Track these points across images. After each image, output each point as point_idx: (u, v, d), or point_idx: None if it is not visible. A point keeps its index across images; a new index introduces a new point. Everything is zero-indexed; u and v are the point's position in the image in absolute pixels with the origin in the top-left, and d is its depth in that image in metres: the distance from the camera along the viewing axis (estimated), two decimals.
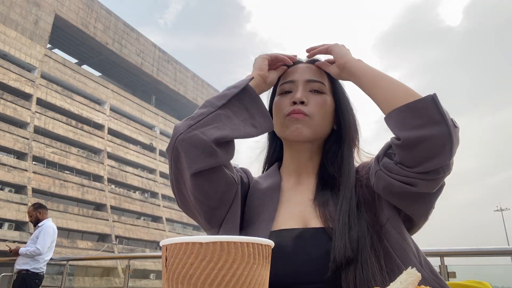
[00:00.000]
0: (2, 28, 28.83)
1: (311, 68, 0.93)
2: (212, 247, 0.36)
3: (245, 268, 0.37)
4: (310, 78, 0.89)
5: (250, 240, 0.37)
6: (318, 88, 0.89)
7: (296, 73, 0.91)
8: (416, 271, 0.40)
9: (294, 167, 0.92)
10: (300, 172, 0.91)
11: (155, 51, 44.29)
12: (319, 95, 0.88)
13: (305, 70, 0.92)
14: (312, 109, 0.86)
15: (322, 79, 0.91)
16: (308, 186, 0.89)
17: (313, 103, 0.87)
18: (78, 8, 35.65)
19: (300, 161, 0.91)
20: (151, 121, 42.75)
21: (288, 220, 0.82)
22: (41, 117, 31.03)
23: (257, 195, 0.88)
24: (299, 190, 0.88)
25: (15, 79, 29.34)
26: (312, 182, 0.89)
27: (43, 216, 4.57)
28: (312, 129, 0.86)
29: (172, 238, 0.38)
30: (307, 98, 0.87)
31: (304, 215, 0.82)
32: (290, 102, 0.87)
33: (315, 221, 0.80)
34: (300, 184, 0.90)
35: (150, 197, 39.67)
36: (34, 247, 4.32)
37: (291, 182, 0.91)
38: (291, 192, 0.88)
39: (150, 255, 10.02)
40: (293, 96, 0.87)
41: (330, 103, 0.90)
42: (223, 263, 0.36)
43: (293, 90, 0.89)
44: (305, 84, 0.89)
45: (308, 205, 0.83)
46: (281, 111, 0.88)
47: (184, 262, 0.37)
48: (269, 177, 0.93)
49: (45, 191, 29.44)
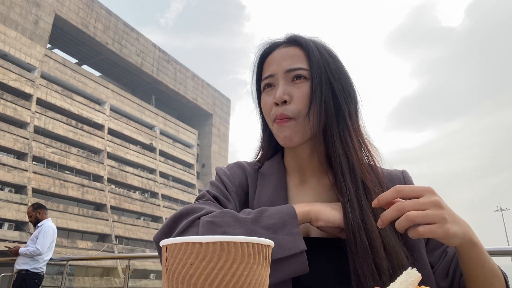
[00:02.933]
0: (2, 28, 28.83)
1: (290, 52, 0.80)
2: (212, 247, 0.36)
3: (245, 268, 0.37)
4: (289, 67, 0.78)
5: (250, 240, 0.38)
6: (301, 75, 0.78)
7: (274, 63, 0.81)
8: (416, 271, 0.39)
9: (295, 164, 0.84)
10: (303, 169, 0.83)
11: (155, 51, 44.29)
12: (302, 83, 0.78)
13: (283, 57, 0.80)
14: (296, 106, 0.76)
15: (302, 63, 0.79)
16: (312, 186, 0.82)
17: (297, 97, 0.77)
18: (78, 8, 35.65)
19: (301, 159, 0.83)
20: (151, 121, 42.75)
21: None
22: (41, 117, 31.03)
23: (266, 191, 0.81)
24: (303, 191, 0.82)
25: (15, 79, 29.34)
26: (316, 181, 0.82)
27: (42, 216, 4.57)
28: (301, 131, 0.77)
29: (172, 238, 0.38)
30: (290, 93, 0.77)
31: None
32: (273, 103, 0.79)
33: (316, 231, 0.74)
34: (304, 184, 0.83)
35: (150, 197, 39.67)
36: (34, 247, 4.32)
37: (295, 180, 0.84)
38: (295, 192, 0.82)
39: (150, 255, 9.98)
40: (274, 95, 0.79)
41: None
42: (223, 263, 0.36)
43: (275, 84, 0.80)
44: (285, 76, 0.78)
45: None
46: (268, 114, 0.81)
47: (184, 262, 0.37)
48: (273, 171, 0.85)
49: (45, 191, 29.44)
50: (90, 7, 36.89)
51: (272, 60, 0.82)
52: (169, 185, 42.78)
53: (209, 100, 51.75)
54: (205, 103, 50.79)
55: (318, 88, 0.76)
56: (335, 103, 0.78)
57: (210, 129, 51.39)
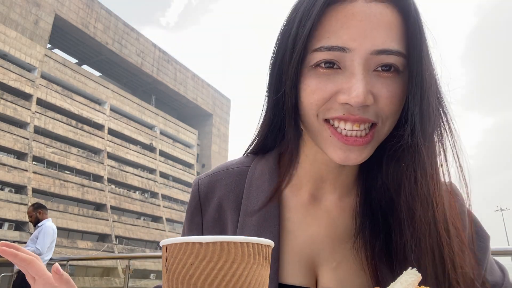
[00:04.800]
0: (2, 28, 28.83)
1: (384, 16, 0.48)
2: (212, 247, 0.36)
3: (245, 268, 0.37)
4: (382, 47, 0.47)
5: (250, 240, 0.37)
6: (394, 65, 0.49)
7: (353, 30, 0.47)
8: (416, 271, 0.38)
9: (314, 172, 0.58)
10: (322, 181, 0.58)
11: (155, 51, 44.29)
12: (394, 78, 0.49)
13: (373, 24, 0.47)
14: (381, 110, 0.49)
15: (401, 46, 0.48)
16: (329, 206, 0.58)
17: (384, 98, 0.49)
18: (78, 8, 35.64)
19: (328, 167, 0.57)
20: (151, 121, 42.75)
21: (292, 268, 0.56)
22: (41, 117, 31.03)
23: (252, 216, 0.58)
24: (314, 213, 0.58)
25: (15, 79, 29.34)
26: (336, 202, 0.59)
27: (43, 216, 4.57)
28: (376, 145, 0.52)
29: (172, 238, 0.38)
30: (372, 89, 0.48)
31: (315, 262, 0.55)
32: (334, 96, 0.49)
33: (328, 278, 0.54)
34: (317, 202, 0.59)
35: (150, 197, 39.67)
36: (34, 247, 4.32)
37: (304, 196, 0.59)
38: (300, 214, 0.58)
39: (150, 255, 10.02)
40: (342, 86, 0.48)
41: (405, 85, 0.51)
42: (223, 263, 0.36)
43: (341, 67, 0.48)
44: (369, 59, 0.47)
45: (326, 244, 0.56)
46: (312, 106, 0.50)
47: (184, 262, 0.36)
48: (264, 179, 0.60)
49: (45, 191, 29.44)
50: (90, 7, 36.89)
51: (348, 18, 0.47)
52: (169, 185, 42.77)
53: (209, 100, 51.74)
54: (205, 103, 50.79)
55: (419, 85, 0.49)
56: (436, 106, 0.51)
57: (210, 129, 51.38)
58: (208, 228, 0.60)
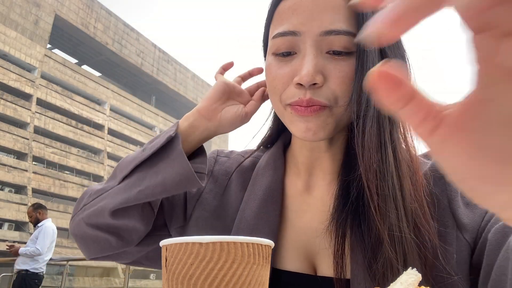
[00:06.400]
0: (2, 28, 28.83)
1: (331, 2, 0.50)
2: (212, 247, 0.36)
3: (245, 268, 0.37)
4: (330, 28, 0.49)
5: (250, 240, 0.38)
6: (344, 47, 0.50)
7: (302, 14, 0.50)
8: (416, 271, 0.38)
9: (303, 160, 0.60)
10: (313, 167, 0.60)
11: (155, 51, 44.31)
12: (347, 60, 0.50)
13: (320, 7, 0.49)
14: (332, 91, 0.50)
15: (350, 25, 0.49)
16: (321, 193, 0.59)
17: (335, 78, 0.50)
18: (78, 8, 35.65)
19: (312, 153, 0.59)
20: (151, 121, 42.75)
21: (290, 254, 0.56)
22: (41, 117, 31.03)
23: (255, 200, 0.59)
24: (308, 201, 0.59)
25: (15, 79, 29.34)
26: (326, 188, 0.59)
27: (42, 216, 4.57)
28: (334, 123, 0.52)
29: (172, 238, 0.38)
30: (322, 70, 0.50)
31: (312, 250, 0.56)
32: (291, 79, 0.51)
33: (326, 265, 0.54)
34: (310, 189, 0.60)
35: None
36: (34, 247, 4.33)
37: (299, 184, 0.61)
38: (297, 202, 0.60)
39: None
40: (296, 68, 0.51)
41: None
42: (223, 263, 0.36)
43: (296, 51, 0.51)
44: (319, 40, 0.49)
45: (319, 232, 0.55)
46: (276, 91, 0.54)
47: (184, 262, 0.37)
48: (269, 168, 0.62)
49: (45, 191, 29.44)
50: (90, 7, 36.90)
51: (299, 4, 0.50)
52: None
53: None
54: None
55: (367, 64, 0.49)
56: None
57: None
58: (207, 196, 0.67)
